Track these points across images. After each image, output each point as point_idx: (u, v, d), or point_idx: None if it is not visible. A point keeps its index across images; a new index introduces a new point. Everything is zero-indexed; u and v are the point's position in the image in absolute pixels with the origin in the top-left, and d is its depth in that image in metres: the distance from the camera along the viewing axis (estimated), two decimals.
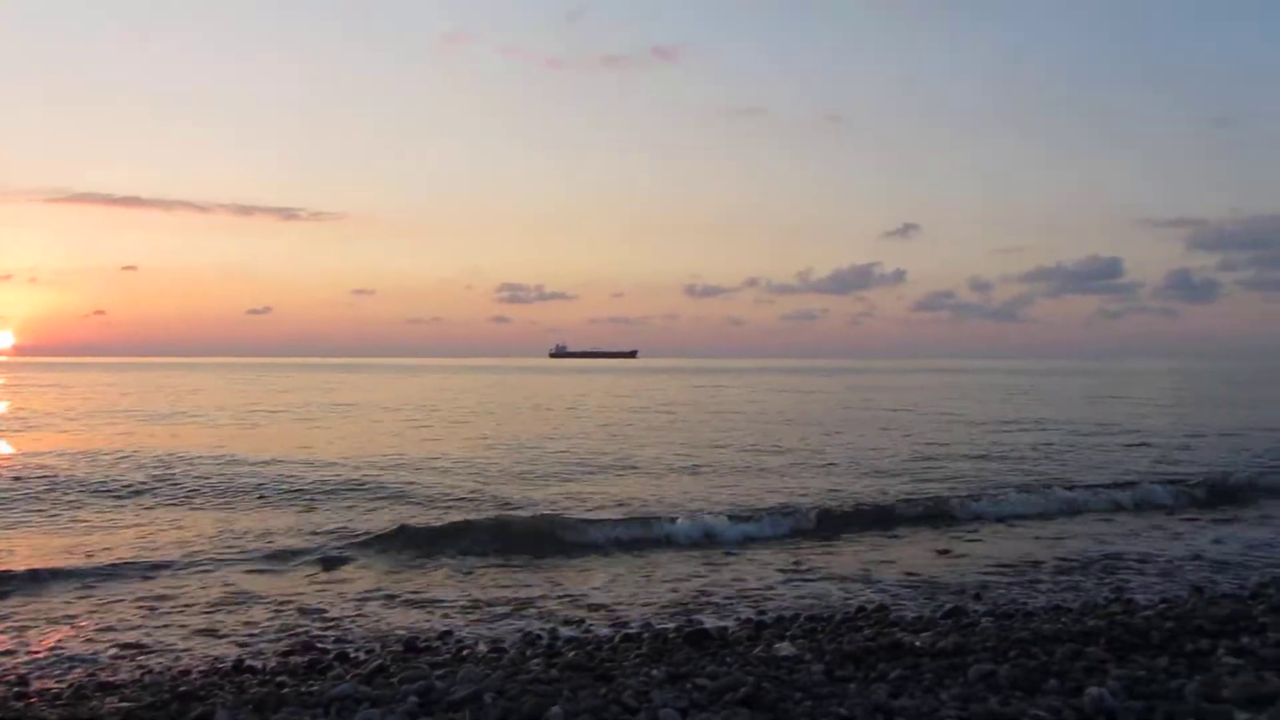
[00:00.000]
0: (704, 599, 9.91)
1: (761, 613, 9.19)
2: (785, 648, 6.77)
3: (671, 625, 8.58)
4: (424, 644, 8.05)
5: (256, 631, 8.60)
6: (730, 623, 8.69)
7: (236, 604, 9.53)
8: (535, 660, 7.18)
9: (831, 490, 17.38)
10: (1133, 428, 31.79)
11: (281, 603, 9.61)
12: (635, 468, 20.86)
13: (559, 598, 9.95)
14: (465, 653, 7.71)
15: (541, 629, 8.56)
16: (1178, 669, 6.13)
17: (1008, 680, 5.79)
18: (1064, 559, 11.92)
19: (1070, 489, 17.24)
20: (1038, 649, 6.62)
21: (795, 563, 11.75)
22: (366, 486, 17.35)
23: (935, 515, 15.03)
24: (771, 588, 10.44)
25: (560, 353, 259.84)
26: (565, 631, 8.47)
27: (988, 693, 5.55)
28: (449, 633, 8.49)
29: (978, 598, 9.87)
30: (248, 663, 7.42)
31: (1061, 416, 37.44)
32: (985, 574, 11.12)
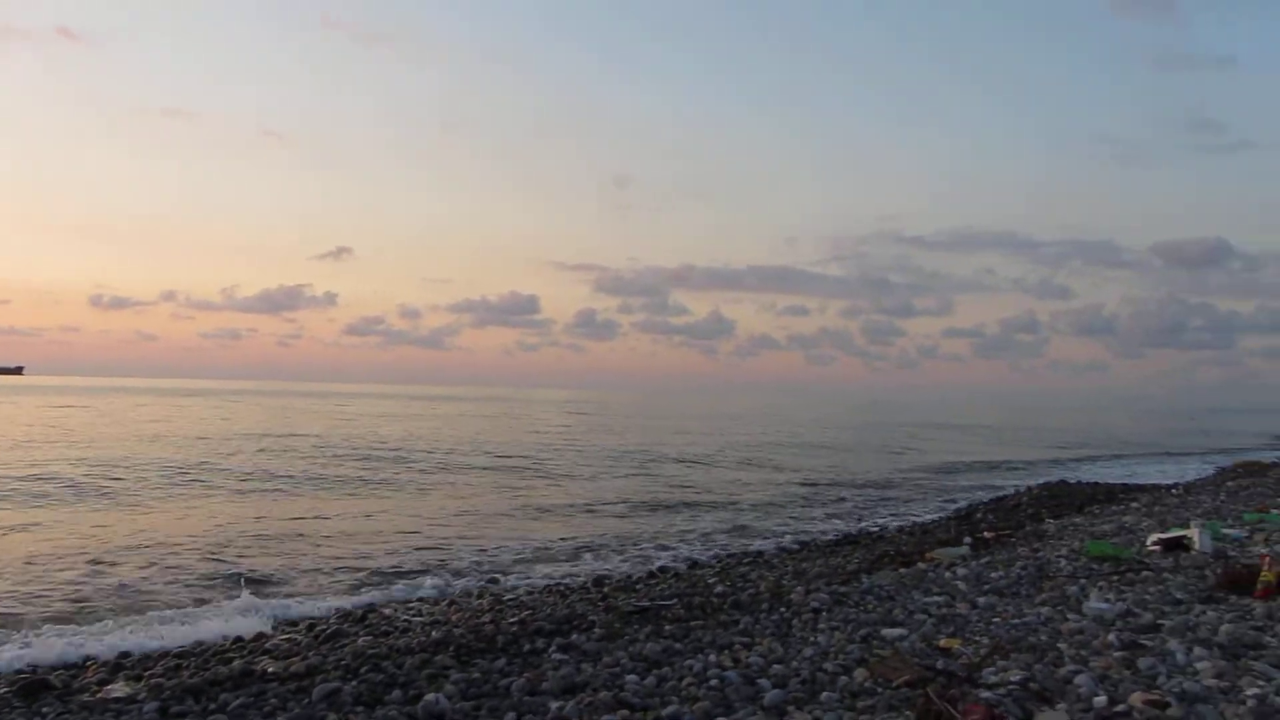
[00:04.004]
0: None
1: (124, 655, 8.49)
2: (119, 689, 6.34)
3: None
4: None
5: None
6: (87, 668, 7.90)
7: None
8: None
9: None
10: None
11: None
12: None
13: None
14: None
15: None
16: (512, 668, 6.79)
17: (352, 696, 6.00)
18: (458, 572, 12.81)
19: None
20: (389, 663, 6.93)
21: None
22: None
23: None
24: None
25: None
26: None
27: (328, 710, 5.69)
28: None
29: (362, 620, 10.03)
30: None
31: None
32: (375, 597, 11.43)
